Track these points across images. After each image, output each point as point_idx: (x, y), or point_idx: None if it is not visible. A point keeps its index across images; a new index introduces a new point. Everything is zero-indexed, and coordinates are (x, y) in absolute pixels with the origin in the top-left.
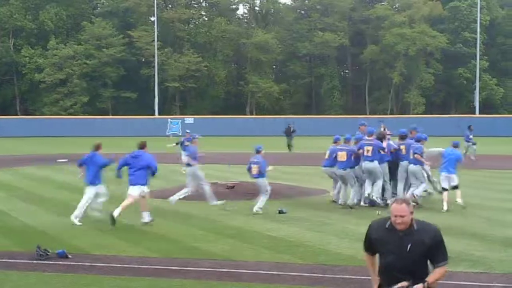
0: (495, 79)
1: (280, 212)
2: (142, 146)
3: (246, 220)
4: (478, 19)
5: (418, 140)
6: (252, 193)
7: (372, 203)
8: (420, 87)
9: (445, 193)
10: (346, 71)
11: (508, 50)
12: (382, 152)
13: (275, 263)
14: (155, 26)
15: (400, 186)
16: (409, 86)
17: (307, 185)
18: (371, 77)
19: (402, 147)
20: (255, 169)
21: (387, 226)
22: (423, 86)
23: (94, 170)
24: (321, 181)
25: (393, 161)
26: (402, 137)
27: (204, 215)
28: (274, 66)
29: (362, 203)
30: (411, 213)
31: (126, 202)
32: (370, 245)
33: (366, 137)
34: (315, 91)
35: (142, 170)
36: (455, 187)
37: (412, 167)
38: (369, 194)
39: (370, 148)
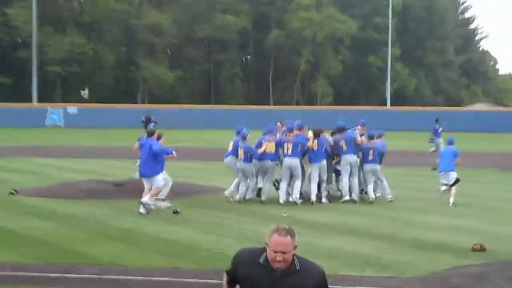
0: (407, 69)
1: (174, 212)
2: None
3: (135, 221)
4: (390, 1)
5: (379, 136)
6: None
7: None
8: (328, 76)
9: (452, 189)
10: (248, 57)
11: (420, 37)
12: (306, 148)
13: (168, 269)
14: (34, 2)
15: (345, 179)
16: (316, 75)
17: (202, 181)
18: (275, 65)
19: (342, 142)
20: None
21: (261, 261)
22: (332, 75)
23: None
24: (216, 178)
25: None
26: (340, 130)
27: (86, 216)
28: (168, 51)
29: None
30: (295, 247)
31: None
32: (234, 280)
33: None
34: (214, 78)
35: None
36: (453, 184)
37: (371, 166)
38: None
39: (290, 145)
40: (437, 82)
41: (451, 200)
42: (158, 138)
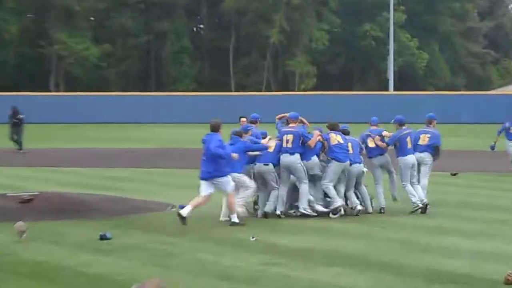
0: (416, 40)
1: (102, 238)
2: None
3: (49, 251)
4: None
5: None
6: (61, 208)
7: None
8: (310, 50)
9: None
10: (201, 26)
11: None
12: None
13: None
14: None
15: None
16: (293, 49)
17: (141, 195)
18: (237, 36)
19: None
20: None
21: None
22: (314, 50)
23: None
24: (160, 190)
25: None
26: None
27: None
28: (92, 19)
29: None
30: None
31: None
32: None
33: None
34: (154, 56)
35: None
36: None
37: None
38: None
39: (291, 136)
40: (456, 56)
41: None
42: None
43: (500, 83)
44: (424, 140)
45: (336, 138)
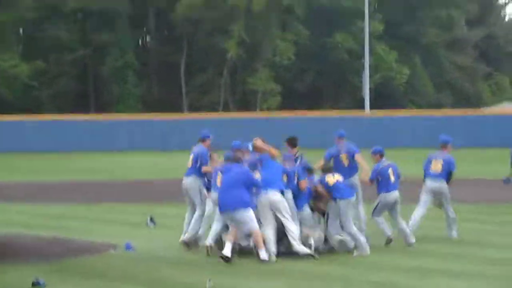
0: (395, 52)
1: (35, 285)
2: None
3: None
4: None
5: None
6: None
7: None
8: (274, 65)
9: None
10: (147, 38)
11: (413, 3)
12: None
13: None
14: None
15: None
16: (254, 64)
17: (79, 235)
18: (190, 49)
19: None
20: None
21: None
22: (279, 64)
23: None
24: (101, 228)
25: None
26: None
27: None
28: (21, 30)
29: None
30: None
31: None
32: None
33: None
34: (94, 72)
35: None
36: None
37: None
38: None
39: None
40: (442, 71)
41: None
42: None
43: (492, 100)
44: (436, 166)
45: (334, 178)
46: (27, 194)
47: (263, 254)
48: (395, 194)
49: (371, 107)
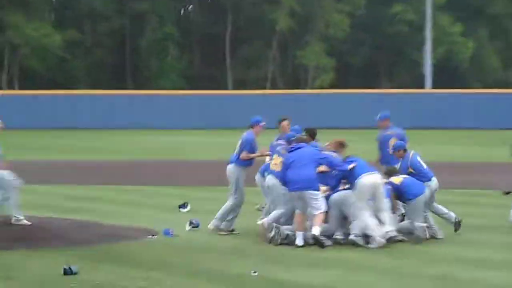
0: (459, 24)
1: (67, 272)
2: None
3: None
4: None
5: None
6: (16, 235)
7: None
8: (327, 38)
9: None
10: (190, 8)
11: None
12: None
13: None
14: None
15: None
16: (306, 37)
17: (116, 220)
18: (236, 21)
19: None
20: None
21: None
22: (332, 37)
23: None
24: (140, 214)
25: None
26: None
27: None
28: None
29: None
30: None
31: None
32: None
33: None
34: (132, 44)
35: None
36: None
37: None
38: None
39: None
40: (510, 45)
41: None
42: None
43: None
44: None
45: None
46: (57, 174)
47: (317, 230)
48: (435, 180)
49: (432, 85)
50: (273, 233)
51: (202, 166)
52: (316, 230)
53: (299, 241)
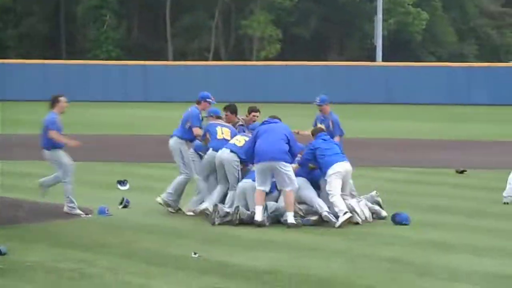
0: None
1: None
2: None
3: None
4: None
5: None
6: None
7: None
8: (272, 7)
9: None
10: None
11: None
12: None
13: None
14: None
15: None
16: (250, 4)
17: (50, 198)
18: None
19: None
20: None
21: None
22: (278, 7)
23: None
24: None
25: None
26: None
27: None
28: None
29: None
30: None
31: None
32: None
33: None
34: (66, 12)
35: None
36: None
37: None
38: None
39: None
40: (465, 17)
41: None
42: None
43: None
44: None
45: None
46: None
47: (291, 218)
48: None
49: (384, 58)
50: (213, 213)
51: (144, 140)
52: (291, 218)
53: (258, 216)
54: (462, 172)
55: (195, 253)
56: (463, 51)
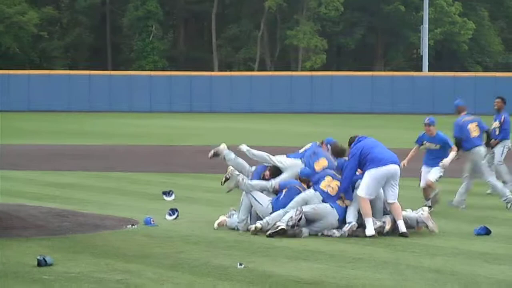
0: (458, 4)
1: (41, 263)
2: None
3: None
4: None
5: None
6: None
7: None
8: (317, 17)
9: None
10: None
11: None
12: None
13: None
14: None
15: None
16: (296, 15)
17: (95, 209)
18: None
19: None
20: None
21: None
22: (324, 17)
23: None
24: (119, 202)
25: None
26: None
27: None
28: None
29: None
30: None
31: None
32: None
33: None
34: (112, 23)
35: None
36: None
37: None
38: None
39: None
40: None
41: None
42: None
43: None
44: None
45: None
46: (32, 160)
47: (403, 227)
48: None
49: (430, 68)
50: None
51: (189, 151)
52: (403, 227)
53: (369, 231)
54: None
55: (240, 264)
56: (510, 61)
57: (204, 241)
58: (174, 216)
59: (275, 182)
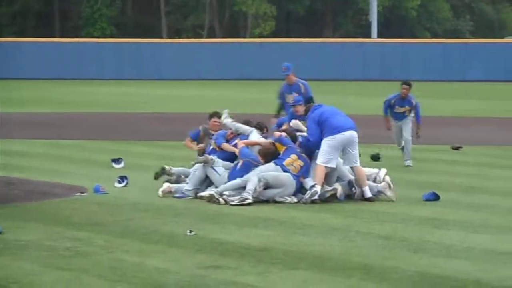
0: None
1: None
2: None
3: None
4: None
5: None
6: None
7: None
8: None
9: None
10: None
11: None
12: None
13: None
14: None
15: None
16: None
17: (44, 177)
18: None
19: None
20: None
21: None
22: None
23: None
24: (68, 169)
25: None
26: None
27: None
28: None
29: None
30: None
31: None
32: None
33: None
34: None
35: None
36: None
37: None
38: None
39: None
40: None
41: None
42: None
43: None
44: None
45: None
46: None
47: (368, 192)
48: None
49: (379, 35)
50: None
51: (140, 118)
52: (369, 192)
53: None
54: (457, 148)
55: (190, 231)
56: (458, 27)
57: (154, 208)
58: (123, 184)
59: (250, 137)
